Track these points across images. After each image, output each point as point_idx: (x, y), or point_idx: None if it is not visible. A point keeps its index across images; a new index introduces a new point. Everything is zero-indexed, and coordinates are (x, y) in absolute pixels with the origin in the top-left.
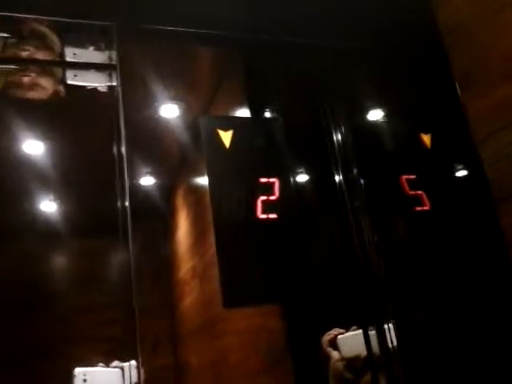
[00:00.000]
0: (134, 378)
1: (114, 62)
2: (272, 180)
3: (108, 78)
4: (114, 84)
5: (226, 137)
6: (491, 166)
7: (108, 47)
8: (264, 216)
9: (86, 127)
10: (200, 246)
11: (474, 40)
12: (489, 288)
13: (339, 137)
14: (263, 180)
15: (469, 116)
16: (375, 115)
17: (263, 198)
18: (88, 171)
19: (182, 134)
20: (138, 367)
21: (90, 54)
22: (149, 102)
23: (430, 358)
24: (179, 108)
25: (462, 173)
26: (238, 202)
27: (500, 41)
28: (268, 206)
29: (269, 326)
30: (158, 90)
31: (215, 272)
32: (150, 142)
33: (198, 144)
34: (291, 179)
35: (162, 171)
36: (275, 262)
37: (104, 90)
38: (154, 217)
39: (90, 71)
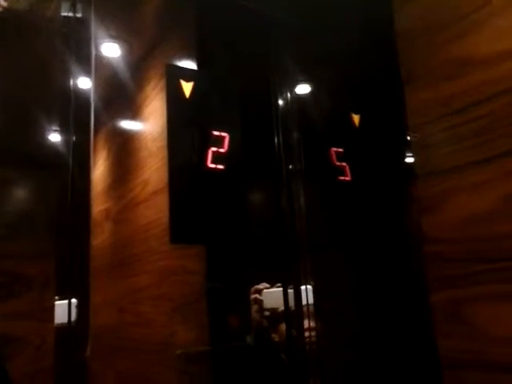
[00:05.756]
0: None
1: None
2: (223, 134)
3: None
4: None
5: (187, 87)
6: (418, 149)
7: None
8: (213, 166)
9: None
10: (117, 189)
11: (423, 43)
12: (402, 257)
13: (283, 103)
14: (215, 133)
15: (408, 106)
16: (317, 89)
17: (214, 149)
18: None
19: (116, 75)
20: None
21: None
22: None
23: (340, 319)
24: (120, 48)
25: (382, 153)
26: (192, 150)
27: (446, 48)
28: (217, 158)
29: (187, 268)
30: (99, 27)
31: (131, 215)
32: None
33: (130, 87)
34: (240, 136)
35: None
36: (218, 209)
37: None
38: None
39: None
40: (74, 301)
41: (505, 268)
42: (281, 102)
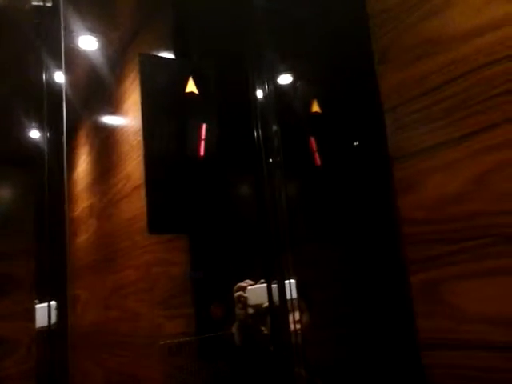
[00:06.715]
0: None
1: None
2: (201, 123)
3: None
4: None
5: (164, 77)
6: (393, 131)
7: None
8: (190, 155)
9: None
10: (100, 185)
11: (396, 23)
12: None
13: (262, 94)
14: (192, 122)
15: (381, 87)
16: (295, 79)
17: (191, 138)
18: None
19: (94, 69)
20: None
21: None
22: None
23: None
24: (97, 41)
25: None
26: (168, 139)
27: (417, 28)
28: (195, 147)
29: (171, 260)
30: (76, 20)
31: (115, 211)
32: None
33: (109, 81)
34: (217, 124)
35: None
36: (197, 198)
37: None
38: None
39: None
40: (53, 303)
41: (478, 246)
42: (259, 92)
